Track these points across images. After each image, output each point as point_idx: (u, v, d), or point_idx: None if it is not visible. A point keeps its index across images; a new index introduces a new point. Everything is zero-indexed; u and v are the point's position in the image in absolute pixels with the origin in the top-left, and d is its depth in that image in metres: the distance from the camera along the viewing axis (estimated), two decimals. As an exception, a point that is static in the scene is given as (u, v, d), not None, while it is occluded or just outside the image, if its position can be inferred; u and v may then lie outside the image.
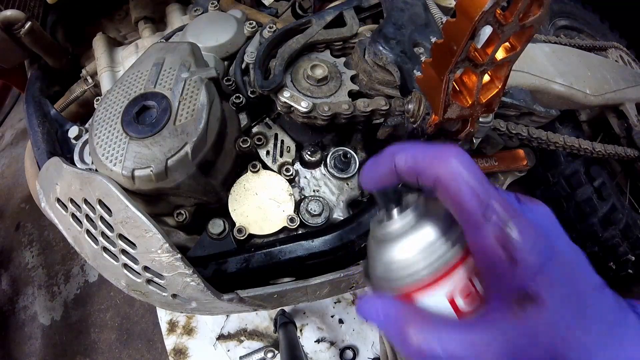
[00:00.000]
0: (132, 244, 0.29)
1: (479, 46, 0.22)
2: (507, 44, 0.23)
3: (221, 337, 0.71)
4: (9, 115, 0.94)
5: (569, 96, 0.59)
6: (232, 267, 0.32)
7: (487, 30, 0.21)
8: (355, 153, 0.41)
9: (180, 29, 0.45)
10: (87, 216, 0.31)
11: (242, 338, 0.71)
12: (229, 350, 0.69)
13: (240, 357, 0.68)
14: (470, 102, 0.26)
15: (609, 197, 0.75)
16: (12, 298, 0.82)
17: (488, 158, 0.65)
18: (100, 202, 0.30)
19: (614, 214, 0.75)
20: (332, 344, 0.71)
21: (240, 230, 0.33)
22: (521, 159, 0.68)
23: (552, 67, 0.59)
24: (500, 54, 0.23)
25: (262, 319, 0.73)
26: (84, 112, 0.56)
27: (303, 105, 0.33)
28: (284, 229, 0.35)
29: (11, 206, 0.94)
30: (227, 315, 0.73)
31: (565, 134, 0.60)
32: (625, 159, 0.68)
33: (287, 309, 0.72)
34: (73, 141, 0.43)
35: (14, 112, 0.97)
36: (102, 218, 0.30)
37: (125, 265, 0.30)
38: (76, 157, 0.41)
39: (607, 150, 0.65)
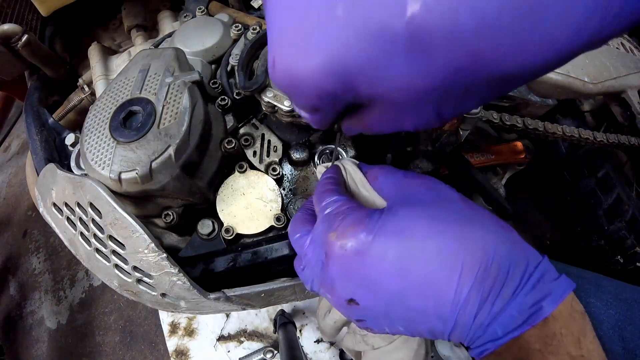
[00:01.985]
0: (121, 245, 0.30)
1: None
2: None
3: (221, 338, 0.71)
4: (15, 125, 0.98)
5: (566, 85, 0.58)
6: (219, 266, 0.33)
7: None
8: (345, 151, 0.41)
9: (170, 35, 0.46)
10: (80, 219, 0.32)
11: (242, 339, 0.71)
12: (229, 351, 0.70)
13: (240, 359, 0.68)
14: None
15: (613, 188, 0.73)
16: (20, 303, 0.85)
17: (484, 152, 0.64)
18: (91, 205, 0.30)
19: (620, 206, 0.73)
20: (331, 344, 0.71)
21: (227, 230, 0.34)
22: (519, 152, 0.67)
23: (547, 56, 0.58)
24: None
25: (261, 320, 0.73)
26: (82, 120, 0.57)
27: (286, 104, 0.33)
28: (272, 228, 0.35)
29: (18, 214, 0.98)
30: (227, 316, 0.73)
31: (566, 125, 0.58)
32: (630, 148, 0.66)
33: (287, 309, 0.72)
34: (70, 148, 0.44)
35: (20, 122, 1.01)
36: (93, 220, 0.31)
37: (117, 266, 0.31)
38: (72, 164, 0.42)
39: (609, 139, 0.63)
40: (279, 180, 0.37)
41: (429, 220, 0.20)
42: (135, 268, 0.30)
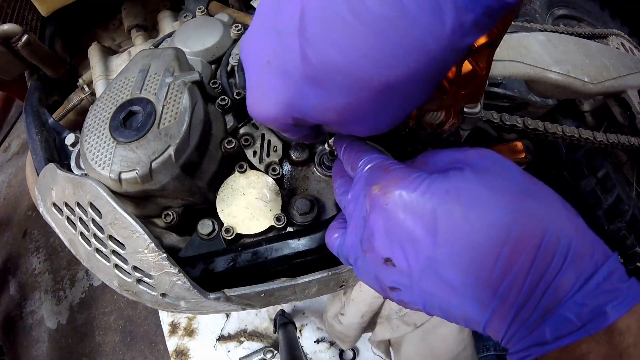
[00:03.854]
0: (122, 245, 0.30)
1: None
2: None
3: (221, 338, 0.71)
4: (15, 125, 0.98)
5: (566, 85, 0.58)
6: (219, 266, 0.33)
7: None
8: (344, 151, 0.41)
9: (170, 35, 0.46)
10: (80, 219, 0.32)
11: (242, 339, 0.71)
12: (229, 351, 0.70)
13: (240, 359, 0.68)
14: (449, 92, 0.26)
15: (613, 188, 0.73)
16: (20, 303, 0.85)
17: (484, 152, 0.64)
18: (91, 205, 0.30)
19: (620, 206, 0.73)
20: (331, 344, 0.71)
21: (227, 230, 0.34)
22: (519, 152, 0.67)
23: (547, 56, 0.58)
24: (480, 39, 0.22)
25: (261, 320, 0.73)
26: (82, 120, 0.57)
27: (286, 104, 0.33)
28: (272, 228, 0.35)
29: (18, 214, 0.98)
30: (227, 316, 0.73)
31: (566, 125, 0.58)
32: (630, 148, 0.66)
33: (287, 309, 0.72)
34: (70, 148, 0.44)
35: (20, 122, 1.01)
36: (93, 220, 0.31)
37: (117, 266, 0.31)
38: (72, 164, 0.42)
39: (609, 139, 0.63)
40: (279, 180, 0.37)
41: (482, 188, 0.17)
42: (135, 268, 0.30)
